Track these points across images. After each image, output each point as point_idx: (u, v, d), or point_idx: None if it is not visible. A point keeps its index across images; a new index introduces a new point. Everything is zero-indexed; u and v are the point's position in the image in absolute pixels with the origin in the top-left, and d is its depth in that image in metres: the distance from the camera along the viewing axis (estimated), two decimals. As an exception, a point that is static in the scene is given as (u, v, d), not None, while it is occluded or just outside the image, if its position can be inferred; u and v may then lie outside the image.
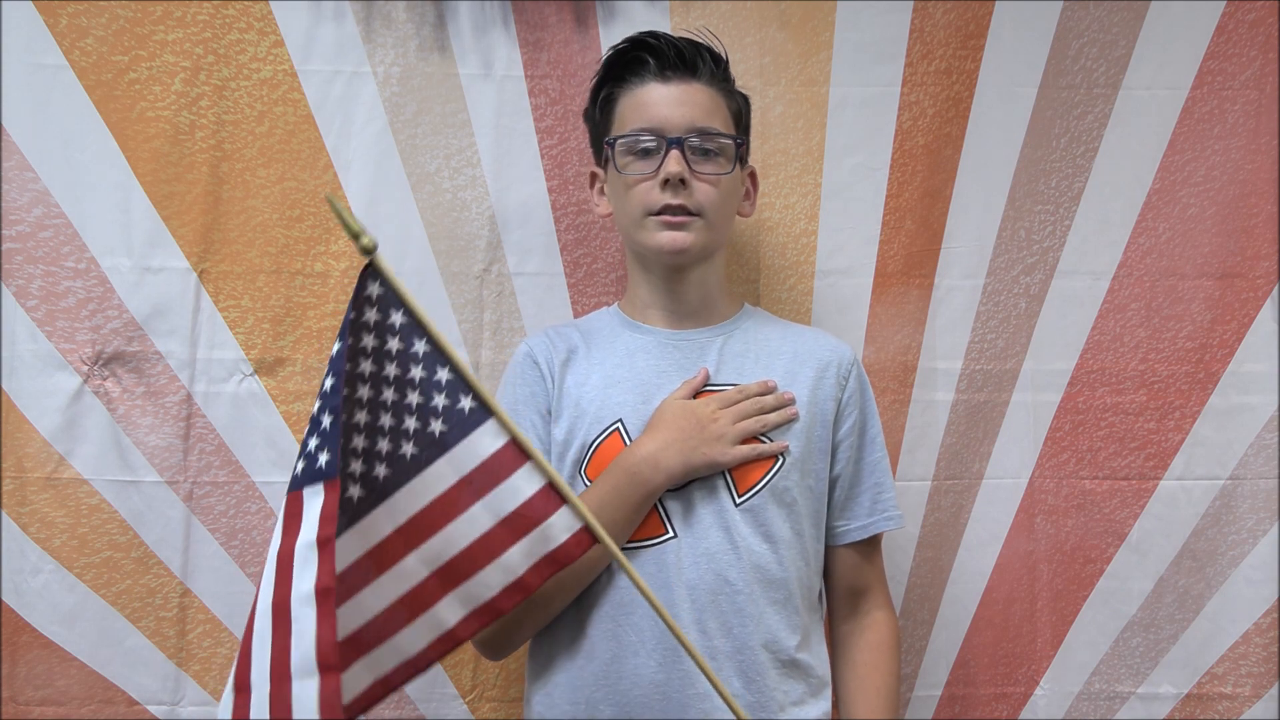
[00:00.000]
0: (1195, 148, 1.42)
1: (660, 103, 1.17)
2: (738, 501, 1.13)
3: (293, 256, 1.37)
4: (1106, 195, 1.42)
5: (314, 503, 0.85)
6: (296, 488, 0.87)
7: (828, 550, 1.20)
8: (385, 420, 0.91)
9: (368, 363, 0.90)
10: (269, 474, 1.36)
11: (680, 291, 1.22)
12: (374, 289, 0.89)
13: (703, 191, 1.16)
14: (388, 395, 0.91)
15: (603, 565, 1.12)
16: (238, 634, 1.34)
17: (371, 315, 0.90)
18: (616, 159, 1.19)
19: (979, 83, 1.41)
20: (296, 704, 0.80)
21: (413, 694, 1.37)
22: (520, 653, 1.22)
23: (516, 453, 0.91)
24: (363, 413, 0.90)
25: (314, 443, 0.87)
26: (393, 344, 0.90)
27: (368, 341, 0.90)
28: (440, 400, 0.91)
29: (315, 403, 0.88)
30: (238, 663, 0.86)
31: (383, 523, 0.90)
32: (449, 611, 0.92)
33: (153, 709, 1.34)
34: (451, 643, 0.92)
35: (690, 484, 1.13)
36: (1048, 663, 1.40)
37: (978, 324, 1.42)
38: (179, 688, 1.35)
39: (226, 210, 1.37)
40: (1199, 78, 1.41)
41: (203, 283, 1.36)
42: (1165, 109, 1.42)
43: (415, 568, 0.91)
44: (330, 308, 1.37)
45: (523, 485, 0.90)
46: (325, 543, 0.82)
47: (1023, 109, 1.41)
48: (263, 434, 1.36)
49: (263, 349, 1.37)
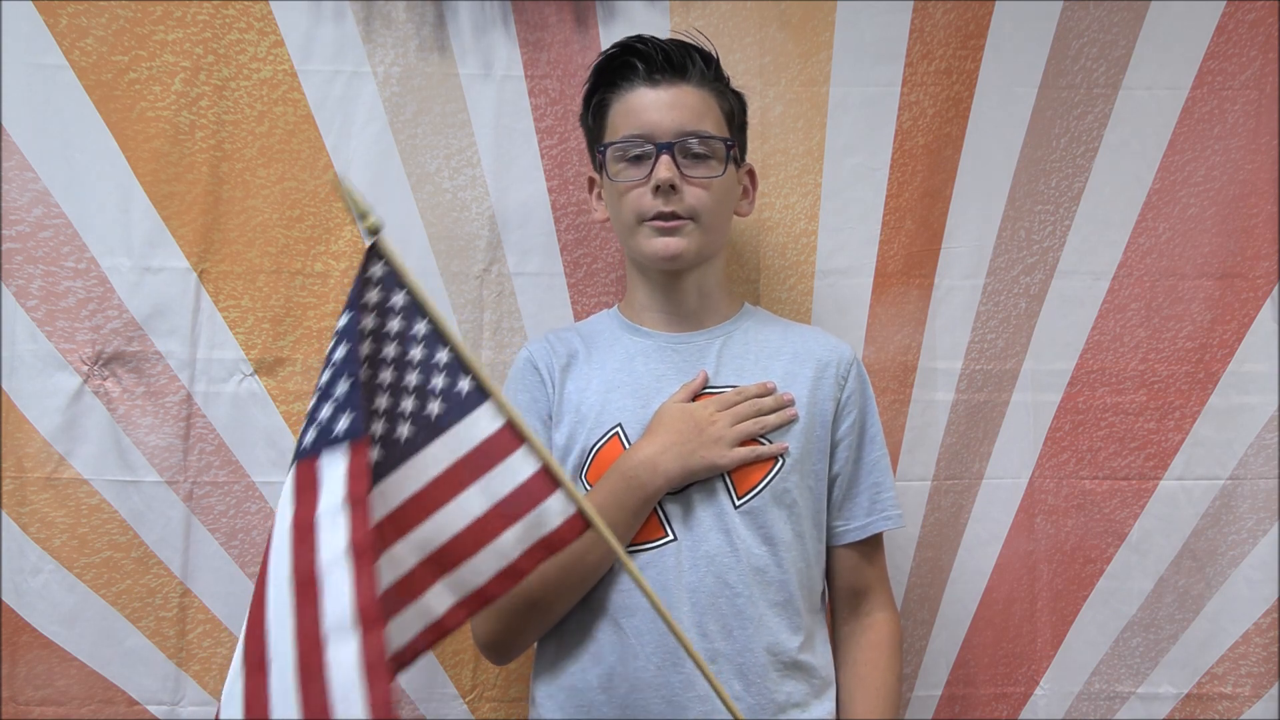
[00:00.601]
0: (1195, 148, 1.42)
1: (649, 108, 1.17)
2: (737, 504, 1.13)
3: (293, 256, 1.37)
4: (1106, 195, 1.42)
5: (335, 466, 0.82)
6: (308, 456, 0.85)
7: (828, 551, 1.20)
8: (382, 401, 0.90)
9: (367, 343, 0.89)
10: (269, 474, 1.36)
11: (678, 295, 1.22)
12: (377, 269, 0.89)
13: (694, 195, 1.16)
14: (386, 376, 0.90)
15: (604, 569, 1.12)
16: (238, 634, 1.33)
17: (373, 295, 0.89)
18: (609, 166, 1.19)
19: (979, 83, 1.41)
20: (334, 669, 0.76)
21: (413, 694, 1.37)
22: (522, 654, 1.22)
23: (513, 435, 0.90)
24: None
25: (326, 409, 0.85)
26: (393, 324, 0.90)
27: (368, 322, 0.89)
28: (439, 381, 0.90)
29: (323, 372, 0.87)
30: (247, 641, 0.83)
31: (374, 508, 0.89)
32: (438, 600, 0.90)
33: (153, 709, 1.34)
34: (438, 634, 0.91)
35: (690, 487, 1.13)
36: (1048, 663, 1.40)
37: (978, 324, 1.42)
38: (179, 688, 1.35)
39: (226, 210, 1.37)
40: (1199, 78, 1.41)
41: (203, 283, 1.36)
42: (1165, 109, 1.42)
43: (404, 555, 0.89)
44: (330, 308, 1.37)
45: (518, 468, 0.89)
46: (358, 500, 0.80)
47: (1023, 109, 1.41)
48: (263, 434, 1.36)
49: (263, 349, 1.37)
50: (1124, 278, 1.42)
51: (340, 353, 0.86)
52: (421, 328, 0.90)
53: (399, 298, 0.89)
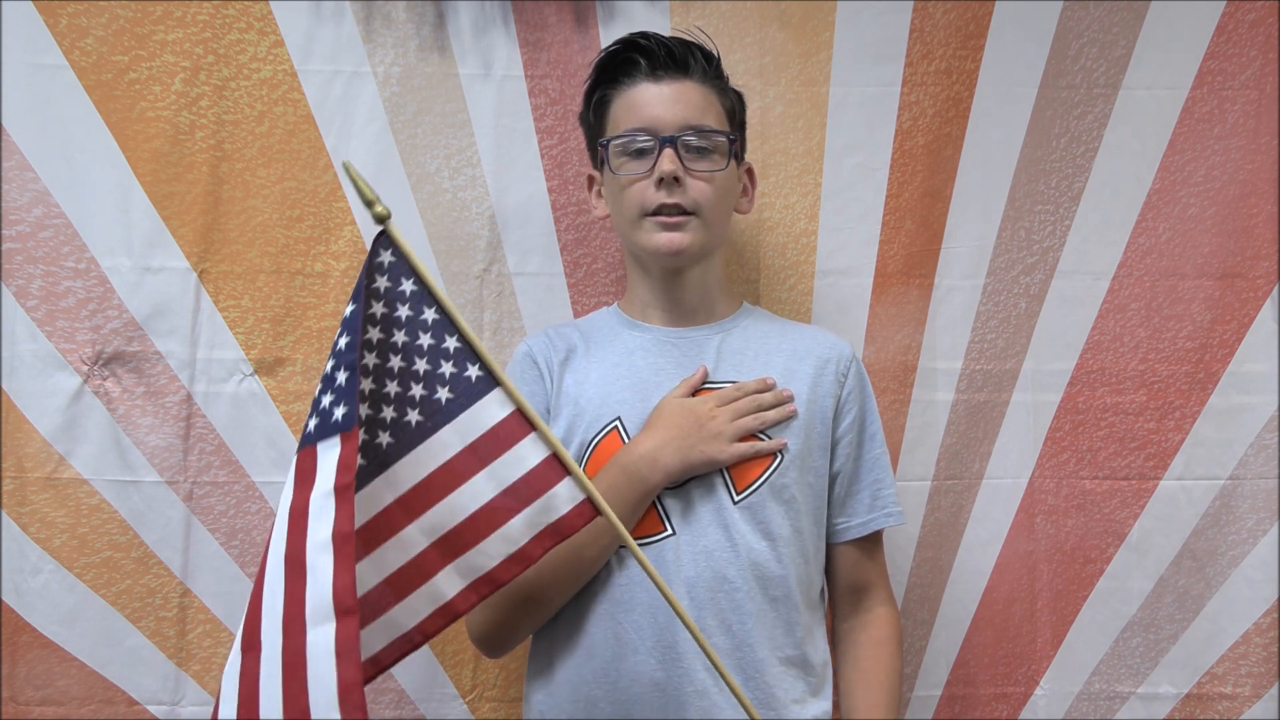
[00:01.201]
0: (1195, 148, 1.42)
1: (652, 102, 1.17)
2: (736, 499, 1.13)
3: (293, 256, 1.37)
4: (1106, 195, 1.42)
5: (329, 455, 0.84)
6: (310, 444, 0.86)
7: (829, 548, 1.20)
8: (391, 387, 0.91)
9: (376, 330, 0.90)
10: (269, 474, 1.36)
11: (679, 291, 1.22)
12: (385, 257, 0.90)
13: (698, 189, 1.16)
14: (394, 362, 0.91)
15: (601, 563, 1.12)
16: (238, 634, 1.33)
17: (382, 282, 0.90)
18: (611, 160, 1.19)
19: (979, 83, 1.41)
20: (312, 651, 0.78)
21: (413, 694, 1.37)
22: (520, 652, 1.22)
23: (521, 422, 0.91)
24: (369, 380, 0.90)
25: (328, 399, 0.86)
26: (402, 311, 0.91)
27: (377, 309, 0.90)
28: (448, 368, 0.91)
29: (328, 362, 0.88)
30: (245, 623, 0.85)
31: (383, 493, 0.90)
32: (448, 583, 0.91)
33: (153, 709, 1.34)
34: (448, 616, 0.92)
35: (689, 482, 1.13)
36: (1048, 663, 1.40)
37: (978, 324, 1.42)
38: (179, 688, 1.35)
39: (226, 210, 1.37)
40: (1199, 78, 1.41)
41: (203, 283, 1.36)
42: (1165, 109, 1.42)
43: (415, 538, 0.91)
44: (330, 308, 1.37)
45: (527, 455, 0.91)
46: (344, 490, 0.81)
47: (1023, 109, 1.41)
48: (263, 434, 1.36)
49: (263, 349, 1.37)
50: (1124, 278, 1.42)
51: (342, 343, 0.87)
52: (430, 315, 0.91)
53: (408, 285, 0.90)
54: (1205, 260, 1.41)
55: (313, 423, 0.87)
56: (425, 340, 0.91)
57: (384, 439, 0.91)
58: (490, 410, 0.91)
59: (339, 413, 0.85)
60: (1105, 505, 1.41)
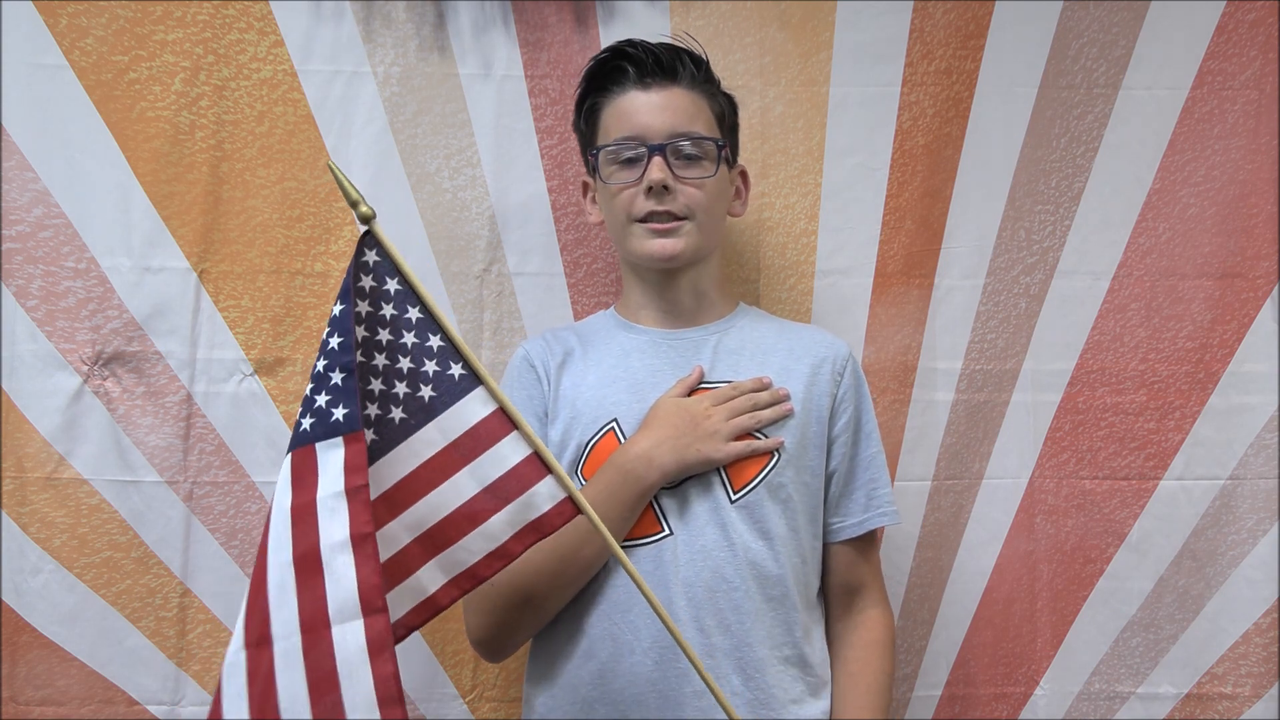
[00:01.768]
0: (1195, 148, 1.42)
1: (641, 110, 1.17)
2: (733, 498, 1.13)
3: (293, 256, 1.37)
4: (1106, 195, 1.42)
5: (332, 456, 0.85)
6: (305, 443, 0.87)
7: (824, 547, 1.20)
8: (375, 385, 0.92)
9: (361, 328, 0.91)
10: (269, 474, 1.36)
11: (674, 294, 1.22)
12: (370, 256, 0.92)
13: (688, 195, 1.16)
14: (379, 360, 0.92)
15: (599, 564, 1.12)
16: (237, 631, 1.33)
17: (367, 281, 0.91)
18: (601, 169, 1.19)
19: (979, 83, 1.41)
20: (340, 646, 0.80)
21: (413, 694, 1.37)
22: (520, 652, 1.22)
23: (503, 421, 0.92)
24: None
25: (324, 399, 0.87)
26: (386, 310, 0.92)
27: (362, 307, 0.91)
28: (431, 366, 0.92)
29: (319, 361, 0.89)
30: (247, 621, 0.85)
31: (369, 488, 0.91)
32: (429, 578, 0.93)
33: (153, 709, 1.34)
34: (431, 610, 0.93)
35: (685, 481, 1.13)
36: (1048, 663, 1.40)
37: (978, 324, 1.42)
38: (179, 688, 1.35)
39: (226, 210, 1.37)
40: (1199, 78, 1.41)
41: (203, 283, 1.36)
42: (1165, 109, 1.42)
43: (398, 533, 0.92)
44: (330, 308, 1.37)
45: (509, 453, 0.92)
46: (357, 491, 0.83)
47: (1023, 109, 1.41)
48: (263, 434, 1.36)
49: (263, 349, 1.37)
50: (1124, 278, 1.42)
51: (334, 342, 0.88)
52: (415, 313, 0.92)
53: (392, 283, 0.92)
54: (1205, 260, 1.41)
55: (307, 422, 0.88)
56: (409, 338, 0.92)
57: (369, 435, 0.91)
58: (473, 408, 0.92)
59: (339, 413, 0.86)
60: (1105, 505, 1.41)
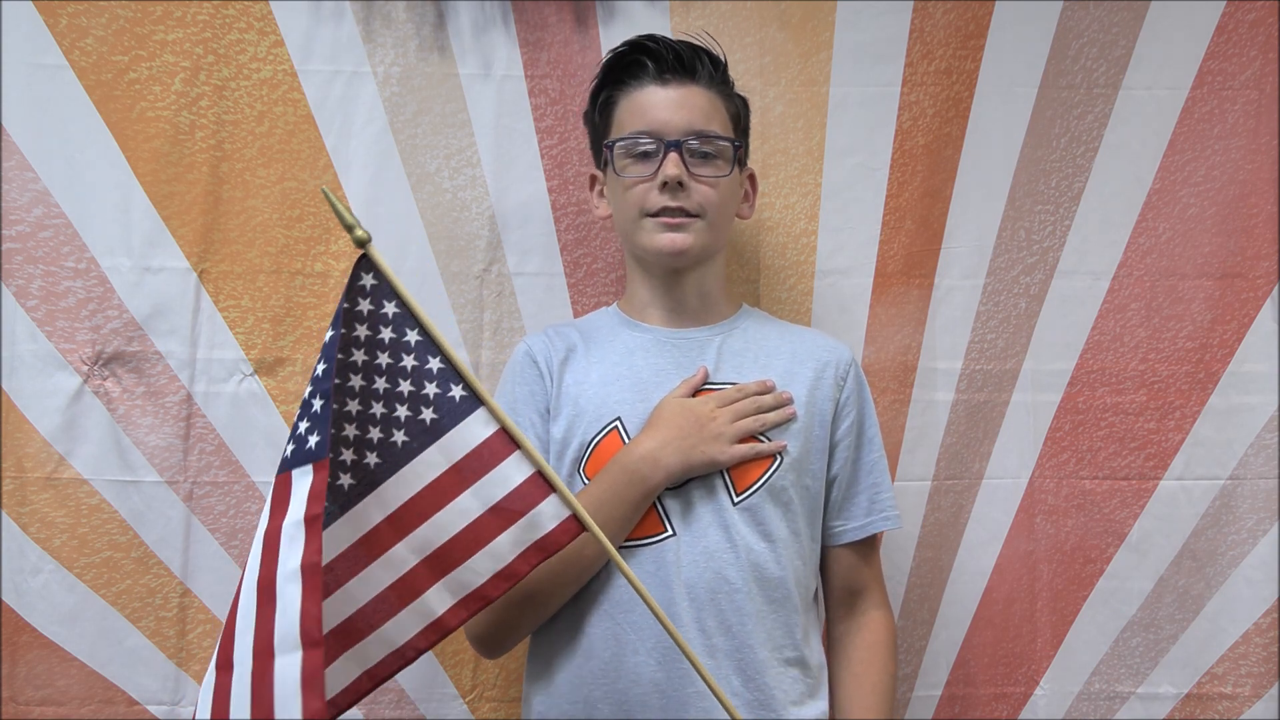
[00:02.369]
0: (1195, 148, 1.42)
1: (658, 105, 1.17)
2: (736, 500, 1.13)
3: (293, 256, 1.37)
4: (1106, 195, 1.42)
5: (302, 483, 0.85)
6: (286, 469, 0.88)
7: (825, 550, 1.21)
8: (377, 409, 0.92)
9: (360, 352, 0.91)
10: (269, 474, 1.35)
11: (679, 292, 1.22)
12: (368, 280, 0.91)
13: (701, 193, 1.16)
14: (380, 384, 0.92)
15: (600, 563, 1.12)
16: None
17: (365, 305, 0.91)
18: (615, 162, 1.19)
19: (979, 83, 1.41)
20: (279, 680, 0.80)
21: (413, 694, 1.37)
22: (520, 652, 1.22)
23: (506, 441, 0.92)
24: (355, 401, 0.91)
25: (304, 425, 0.88)
26: (385, 333, 0.92)
27: (360, 331, 0.91)
28: (431, 388, 0.92)
29: (306, 387, 0.89)
30: (221, 642, 0.87)
31: (373, 511, 0.91)
32: (437, 600, 0.93)
33: (153, 709, 1.34)
34: (439, 632, 0.93)
35: (689, 483, 1.13)
36: (1048, 663, 1.40)
37: (978, 324, 1.42)
38: (179, 688, 1.34)
39: (226, 210, 1.37)
40: (1199, 78, 1.41)
41: (203, 283, 1.36)
42: (1165, 109, 1.42)
43: (404, 556, 0.92)
44: (330, 308, 1.37)
45: (512, 473, 0.92)
46: (313, 520, 0.83)
47: (1023, 109, 1.41)
48: (263, 434, 1.36)
49: (263, 349, 1.37)
50: (1124, 278, 1.42)
51: (319, 370, 0.89)
52: (413, 336, 0.92)
53: (390, 307, 0.91)
54: (1205, 260, 1.41)
55: (290, 448, 0.88)
56: (409, 362, 0.92)
57: (372, 459, 0.92)
58: (474, 430, 0.92)
59: (313, 441, 0.86)
60: (1105, 505, 1.41)
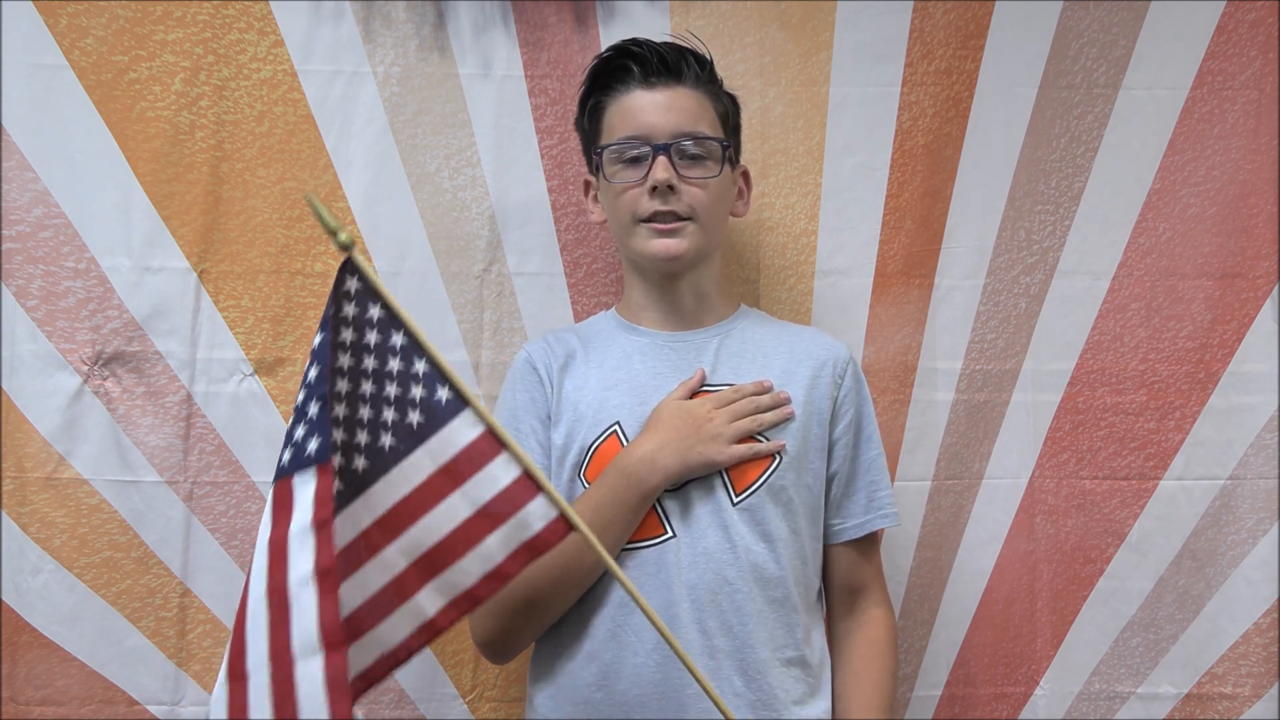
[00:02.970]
0: (1195, 148, 1.42)
1: (646, 109, 1.17)
2: (735, 501, 1.13)
3: (293, 256, 1.37)
4: (1106, 195, 1.42)
5: (305, 488, 0.85)
6: (284, 476, 0.87)
7: (825, 549, 1.21)
8: (364, 413, 0.91)
9: (346, 356, 0.90)
10: (269, 474, 1.35)
11: (676, 295, 1.22)
12: (352, 284, 0.91)
13: (692, 195, 1.16)
14: (366, 388, 0.91)
15: (602, 569, 1.12)
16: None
17: (350, 310, 0.91)
18: (605, 168, 1.19)
19: (979, 83, 1.41)
20: (301, 683, 0.80)
21: (413, 694, 1.37)
22: (522, 653, 1.22)
23: (492, 442, 0.91)
24: (341, 406, 0.90)
25: (301, 431, 0.87)
26: (371, 337, 0.91)
27: (346, 335, 0.90)
28: (418, 392, 0.91)
29: (299, 393, 0.89)
30: (230, 653, 0.86)
31: (361, 515, 0.91)
32: (429, 601, 0.92)
33: (153, 709, 1.34)
34: (431, 633, 0.93)
35: (688, 484, 1.13)
36: (1048, 663, 1.40)
37: (978, 324, 1.42)
38: (179, 688, 1.34)
39: (226, 210, 1.37)
40: (1199, 78, 1.41)
41: (203, 283, 1.36)
42: (1165, 109, 1.42)
43: (395, 558, 0.91)
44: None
45: (499, 474, 0.91)
46: (323, 524, 0.83)
47: (1023, 109, 1.41)
48: (263, 434, 1.36)
49: (263, 349, 1.37)
50: (1124, 278, 1.42)
51: (312, 374, 0.88)
52: (399, 339, 0.91)
53: (375, 310, 0.91)
54: (1205, 260, 1.41)
55: (287, 455, 0.88)
56: (394, 365, 0.91)
57: (360, 463, 0.91)
58: (461, 432, 0.91)
59: (313, 445, 0.85)
60: (1105, 505, 1.41)
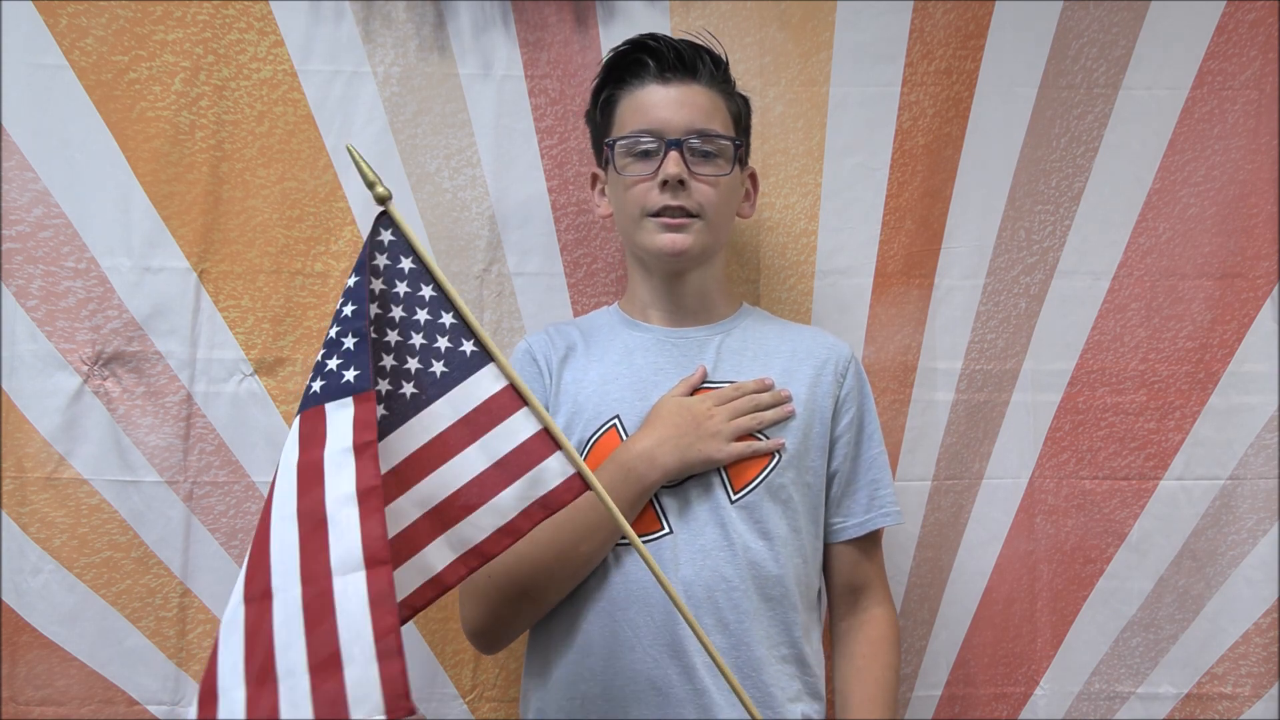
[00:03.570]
0: (1195, 148, 1.42)
1: (660, 104, 1.17)
2: (733, 498, 1.13)
3: (293, 256, 1.37)
4: (1106, 195, 1.42)
5: (341, 414, 0.86)
6: (315, 404, 0.88)
7: (826, 547, 1.21)
8: (387, 361, 0.93)
9: (374, 305, 0.92)
10: (269, 474, 1.35)
11: (679, 292, 1.22)
12: (386, 236, 0.93)
13: (702, 193, 1.16)
14: (391, 337, 0.93)
15: (597, 560, 1.12)
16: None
17: (382, 260, 0.93)
18: (616, 160, 1.19)
19: (979, 83, 1.41)
20: (341, 598, 0.80)
21: (413, 694, 1.36)
22: (520, 652, 1.22)
23: (514, 396, 0.93)
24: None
25: (335, 362, 0.88)
26: (400, 287, 0.93)
27: (376, 285, 0.92)
28: (443, 343, 0.93)
29: (331, 328, 0.90)
30: (249, 574, 0.85)
31: (380, 462, 0.91)
32: (437, 555, 0.93)
33: (153, 709, 1.34)
34: (437, 589, 0.93)
35: (686, 481, 1.13)
36: (1048, 663, 1.40)
37: (978, 324, 1.42)
38: (179, 688, 1.34)
39: (226, 210, 1.37)
40: (1199, 78, 1.41)
41: (203, 283, 1.36)
42: (1165, 109, 1.42)
43: (407, 509, 0.92)
44: (330, 308, 1.37)
45: (519, 428, 0.92)
46: (365, 447, 0.84)
47: (1023, 109, 1.41)
48: (263, 434, 1.36)
49: (263, 349, 1.37)
50: (1124, 278, 1.42)
51: (348, 310, 0.89)
52: (428, 291, 0.93)
53: (407, 262, 0.93)
54: (1205, 260, 1.41)
55: (318, 384, 0.89)
56: (422, 315, 0.93)
57: (380, 411, 0.92)
58: (484, 384, 0.93)
59: (350, 375, 0.87)
60: (1105, 505, 1.41)
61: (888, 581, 1.25)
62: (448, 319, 0.93)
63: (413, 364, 0.93)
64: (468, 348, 0.93)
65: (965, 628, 1.41)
